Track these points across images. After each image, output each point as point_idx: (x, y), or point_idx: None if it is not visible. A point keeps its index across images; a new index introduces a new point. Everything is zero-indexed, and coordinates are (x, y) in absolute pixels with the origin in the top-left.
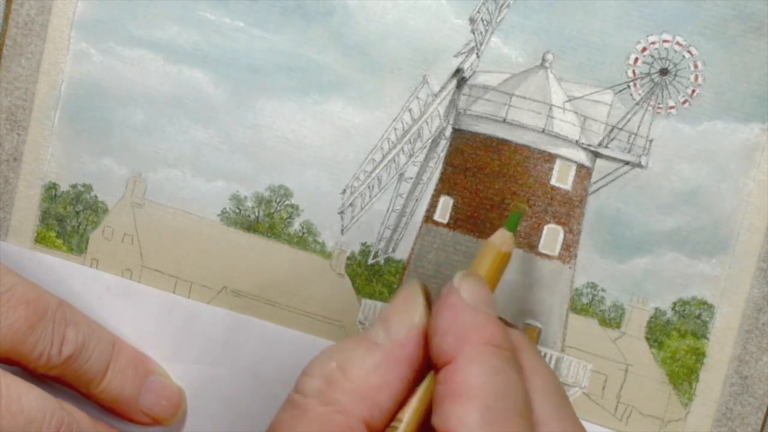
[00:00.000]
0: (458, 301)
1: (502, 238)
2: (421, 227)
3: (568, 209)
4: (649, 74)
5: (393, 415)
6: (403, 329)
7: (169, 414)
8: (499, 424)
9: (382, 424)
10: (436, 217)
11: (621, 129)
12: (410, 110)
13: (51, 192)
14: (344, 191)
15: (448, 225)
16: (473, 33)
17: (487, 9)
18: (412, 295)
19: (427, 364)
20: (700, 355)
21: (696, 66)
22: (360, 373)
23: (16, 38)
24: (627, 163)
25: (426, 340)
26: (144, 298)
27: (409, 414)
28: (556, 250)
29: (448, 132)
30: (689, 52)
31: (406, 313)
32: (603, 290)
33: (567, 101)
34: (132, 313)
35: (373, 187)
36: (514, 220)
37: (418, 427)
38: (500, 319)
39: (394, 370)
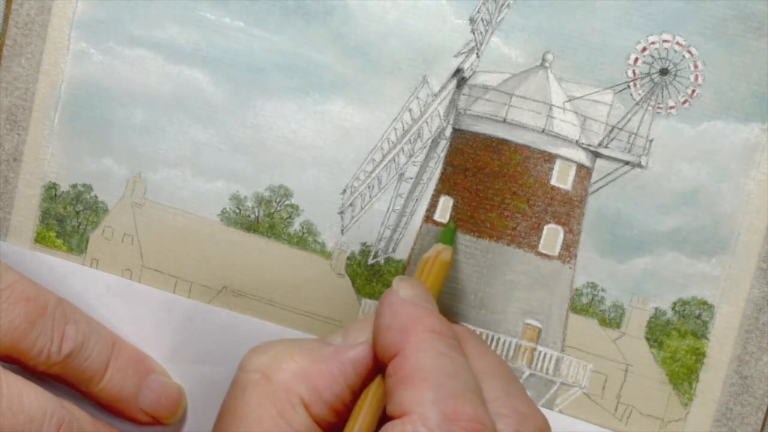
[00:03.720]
0: (397, 298)
1: (434, 250)
2: (421, 227)
3: (568, 209)
4: (649, 74)
5: (335, 413)
6: (360, 338)
7: (169, 413)
8: (451, 399)
9: (321, 413)
10: (436, 217)
11: (621, 129)
12: (410, 110)
13: (51, 192)
14: (344, 191)
15: (448, 225)
16: (473, 33)
17: (487, 9)
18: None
19: (376, 374)
20: (700, 355)
21: (696, 66)
22: (308, 356)
23: (16, 38)
24: (627, 163)
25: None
26: (144, 298)
27: (362, 414)
28: (556, 250)
29: (448, 132)
30: (689, 52)
31: (367, 327)
32: (603, 290)
33: (567, 101)
34: (132, 313)
35: (373, 187)
36: (447, 234)
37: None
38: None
39: (339, 366)
